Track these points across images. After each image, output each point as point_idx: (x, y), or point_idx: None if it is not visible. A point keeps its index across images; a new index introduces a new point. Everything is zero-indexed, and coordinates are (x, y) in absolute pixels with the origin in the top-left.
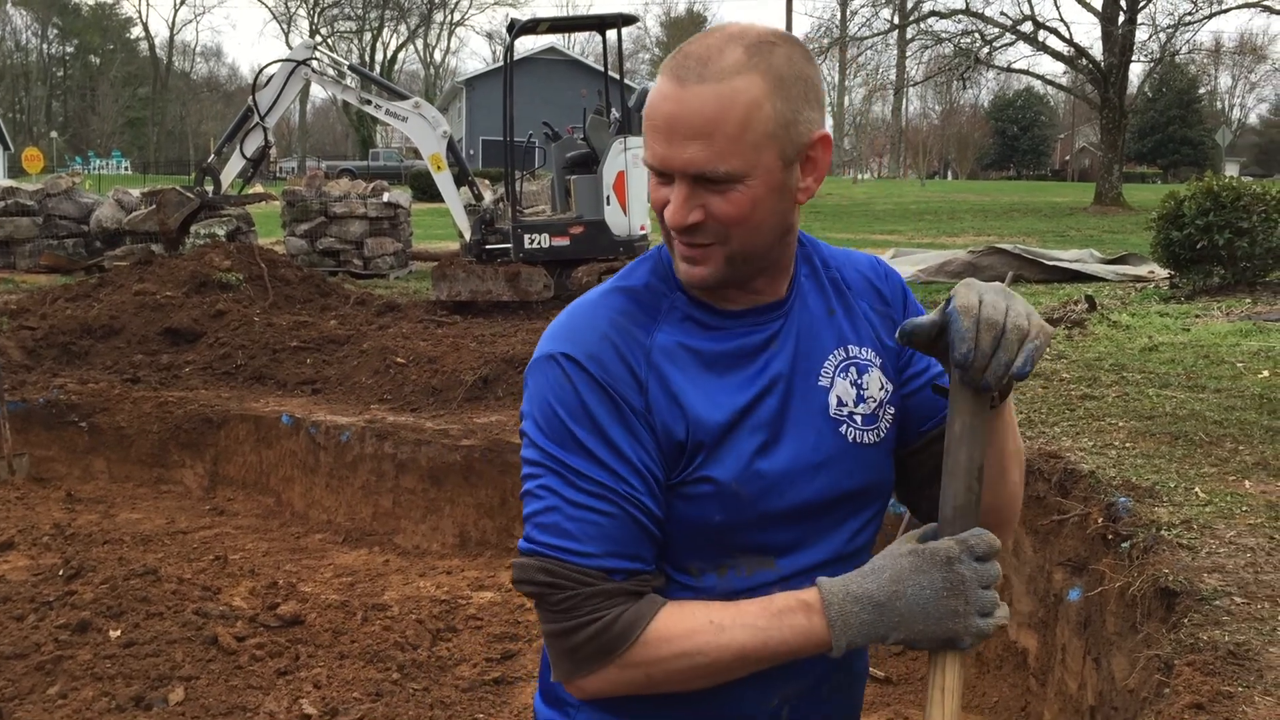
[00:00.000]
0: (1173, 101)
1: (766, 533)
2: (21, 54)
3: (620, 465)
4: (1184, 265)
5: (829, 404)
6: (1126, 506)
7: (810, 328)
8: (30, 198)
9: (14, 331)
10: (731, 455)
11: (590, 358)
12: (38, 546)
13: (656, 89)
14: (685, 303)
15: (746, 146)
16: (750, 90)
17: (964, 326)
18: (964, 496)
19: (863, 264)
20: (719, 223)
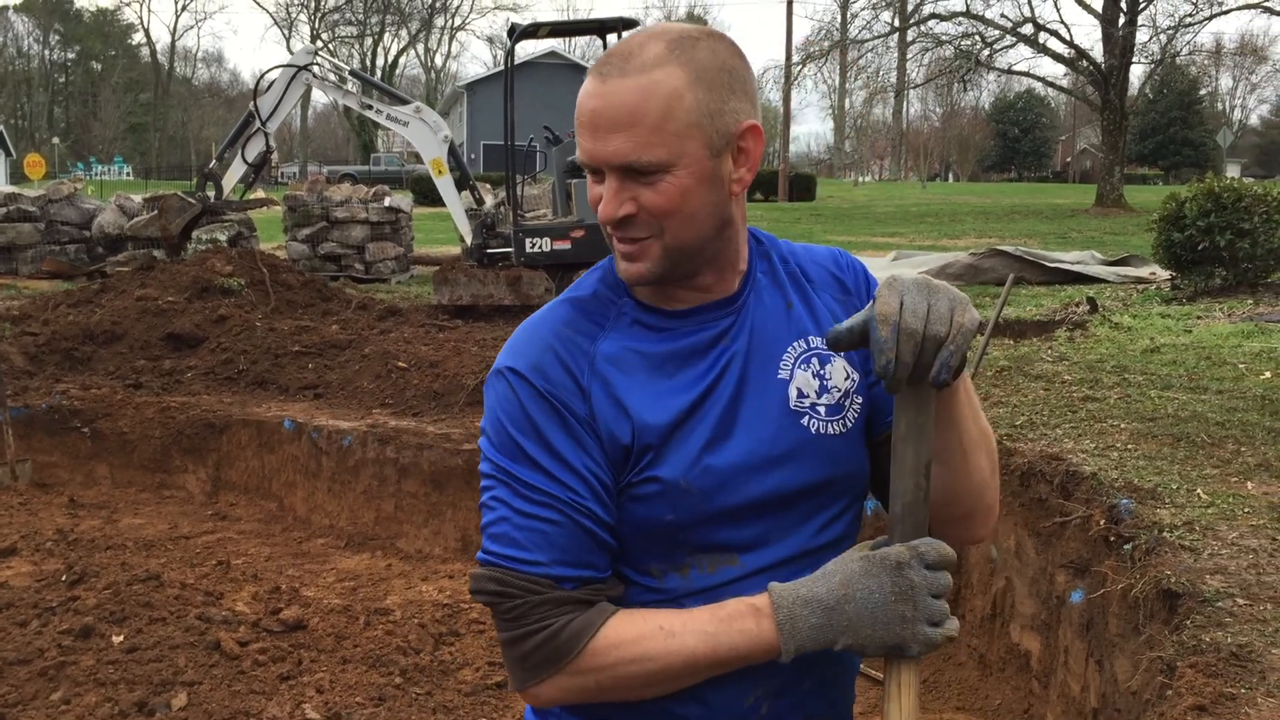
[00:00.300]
0: (1174, 103)
1: (724, 529)
2: (23, 60)
3: (566, 474)
4: (1185, 266)
5: (789, 396)
6: (1129, 508)
7: (766, 322)
8: (32, 204)
9: (16, 337)
10: (678, 454)
11: (534, 369)
12: (40, 552)
13: (583, 88)
14: (633, 308)
15: (669, 136)
16: (670, 81)
17: (882, 337)
18: (911, 494)
19: (823, 257)
20: (651, 215)
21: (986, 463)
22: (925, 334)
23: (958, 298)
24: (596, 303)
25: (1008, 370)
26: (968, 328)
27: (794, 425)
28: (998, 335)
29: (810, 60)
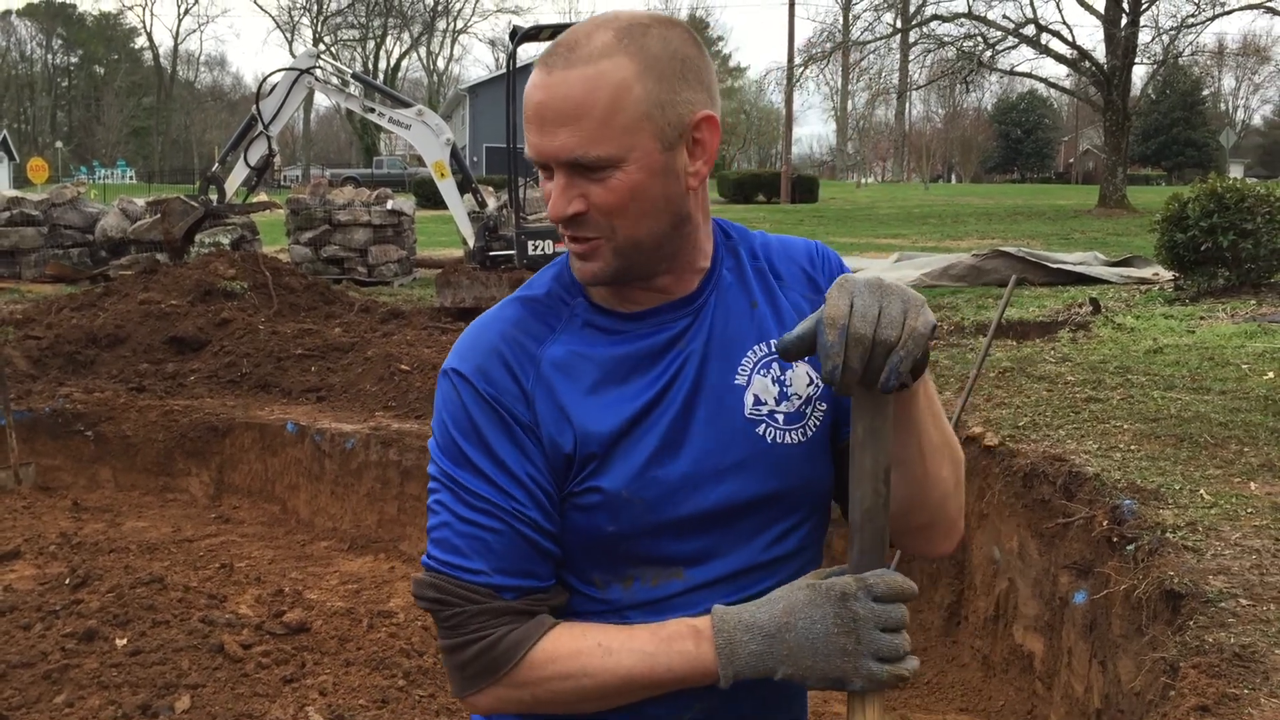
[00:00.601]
0: (1176, 103)
1: (669, 542)
2: (26, 64)
3: (507, 481)
4: (1188, 267)
5: (745, 403)
6: (1131, 509)
7: (728, 323)
8: (35, 208)
9: (20, 341)
10: (623, 463)
11: (478, 372)
12: (44, 555)
13: (531, 78)
14: (585, 309)
15: (618, 130)
16: (618, 72)
17: (829, 341)
18: (870, 500)
19: (798, 251)
20: (601, 213)
21: (949, 472)
22: (875, 338)
23: (912, 299)
24: (548, 303)
25: (1010, 371)
26: (920, 332)
27: (748, 434)
28: (1000, 336)
29: (812, 62)
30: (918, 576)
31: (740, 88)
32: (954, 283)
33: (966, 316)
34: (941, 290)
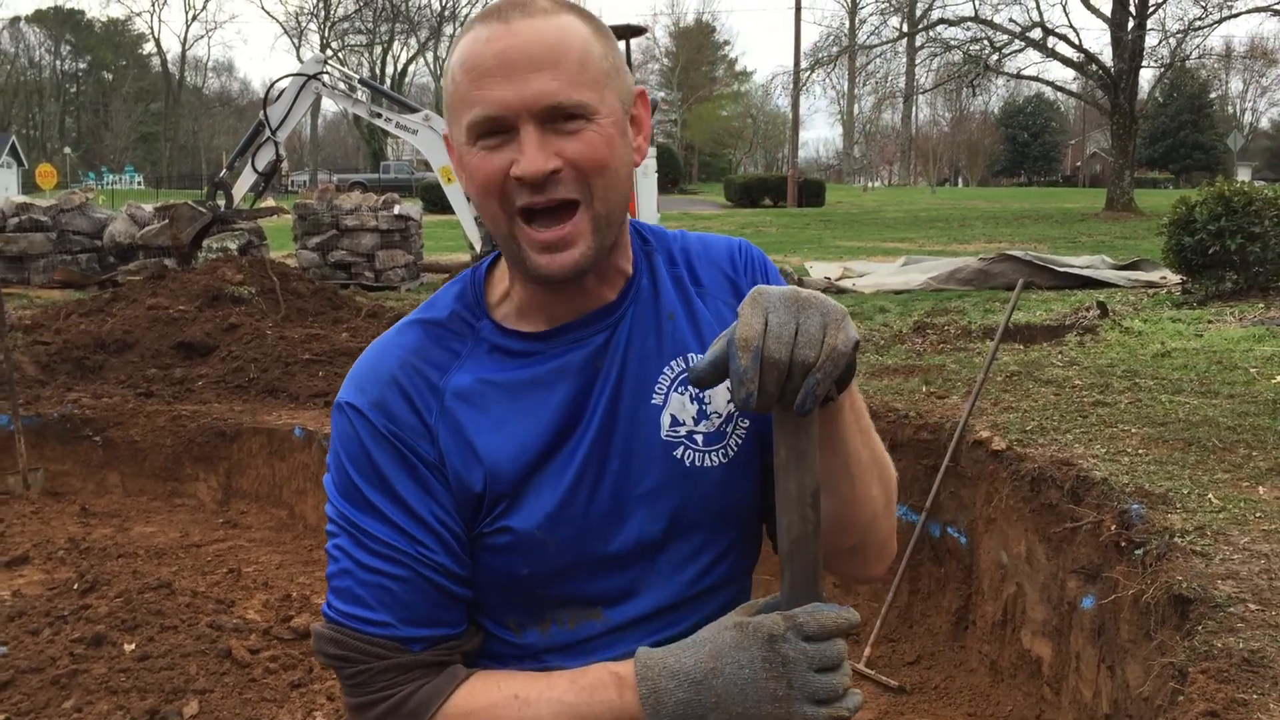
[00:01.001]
0: (1184, 106)
1: (586, 581)
2: (35, 70)
3: (412, 525)
4: (1196, 270)
5: (662, 424)
6: (1140, 513)
7: (644, 339)
8: (44, 213)
9: (28, 346)
10: (536, 500)
11: (375, 406)
12: (53, 561)
13: (474, 38)
14: (492, 331)
15: (591, 79)
16: (579, 28)
17: (742, 367)
18: (799, 528)
19: (719, 254)
20: (579, 168)
21: (879, 492)
22: (793, 359)
23: (832, 313)
24: (451, 326)
25: (1018, 375)
26: (841, 350)
27: (665, 458)
28: (1007, 340)
29: (819, 66)
30: (926, 581)
31: (746, 92)
32: (961, 286)
33: (973, 320)
34: (948, 294)
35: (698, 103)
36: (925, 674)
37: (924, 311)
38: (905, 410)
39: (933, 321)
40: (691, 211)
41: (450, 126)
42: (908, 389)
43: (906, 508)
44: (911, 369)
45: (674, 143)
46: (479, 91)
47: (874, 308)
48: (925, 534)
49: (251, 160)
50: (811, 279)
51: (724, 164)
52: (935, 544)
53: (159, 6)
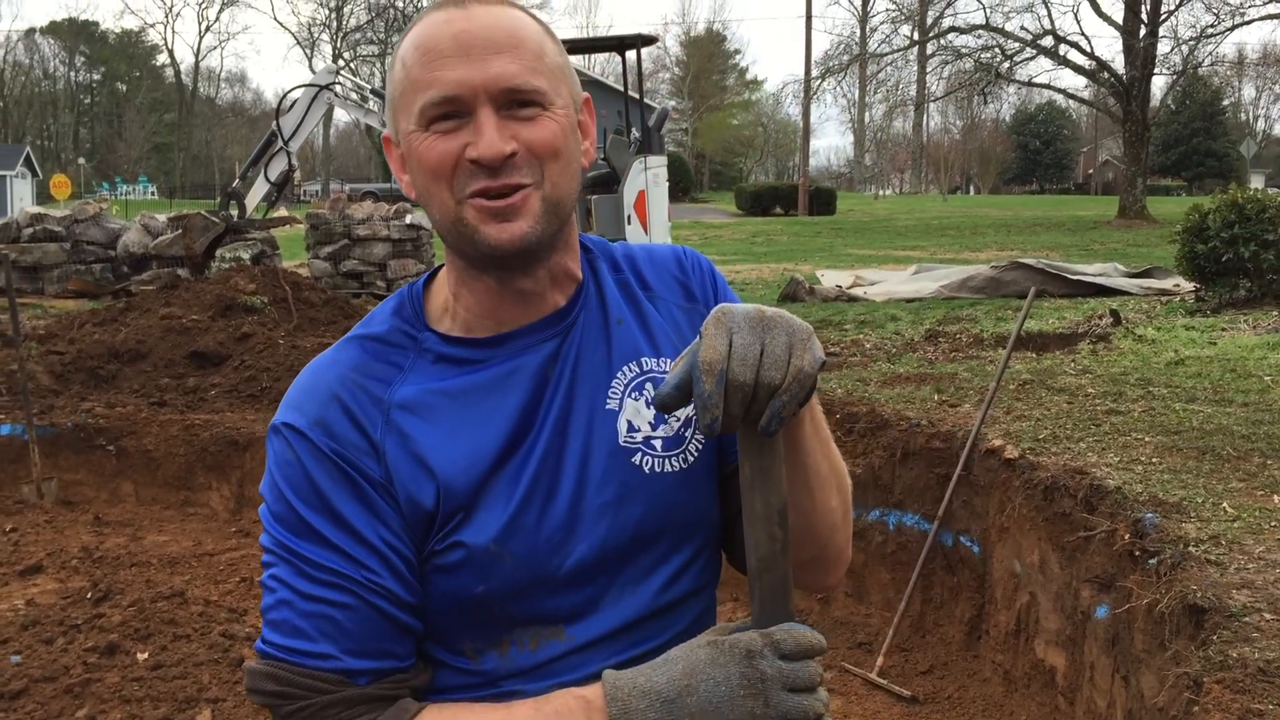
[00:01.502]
0: (1196, 114)
1: (546, 598)
2: (50, 82)
3: (358, 549)
4: (1209, 278)
5: (618, 431)
6: (1154, 522)
7: (594, 344)
8: (58, 224)
9: (42, 356)
10: (488, 513)
11: (315, 425)
12: (66, 570)
13: (432, 21)
14: (436, 341)
15: (548, 68)
16: (533, 23)
17: (706, 391)
18: (766, 547)
19: (665, 258)
20: (534, 153)
21: (837, 503)
22: (758, 382)
23: (798, 332)
24: (392, 341)
25: (1030, 384)
26: (807, 371)
27: (624, 465)
28: (1020, 348)
29: (830, 74)
30: (938, 590)
31: (757, 100)
32: (973, 294)
33: (985, 329)
34: (960, 302)
35: (708, 111)
36: (938, 684)
37: (936, 320)
38: (917, 419)
39: (944, 330)
40: (703, 220)
41: (397, 119)
42: (919, 397)
43: (919, 517)
44: (923, 377)
45: (685, 151)
46: (435, 73)
47: (885, 316)
48: (938, 543)
49: (264, 170)
50: (823, 287)
51: (735, 172)
52: (948, 553)
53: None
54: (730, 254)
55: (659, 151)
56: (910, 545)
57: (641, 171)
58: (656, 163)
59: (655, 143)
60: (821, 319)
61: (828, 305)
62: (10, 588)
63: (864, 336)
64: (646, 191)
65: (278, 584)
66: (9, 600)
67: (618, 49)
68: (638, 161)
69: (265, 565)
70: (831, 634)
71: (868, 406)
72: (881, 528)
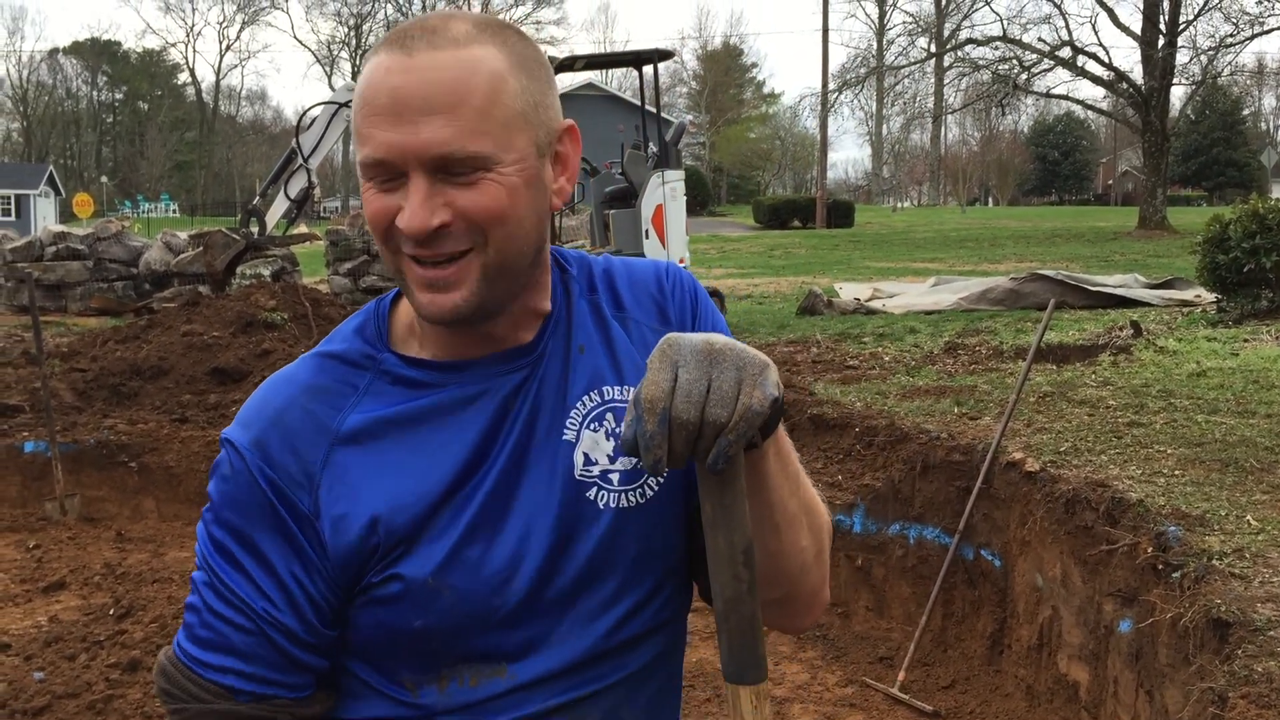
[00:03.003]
0: (1216, 123)
1: (488, 634)
2: (72, 101)
3: (265, 579)
4: (1231, 289)
5: (574, 463)
6: (1176, 535)
7: (557, 372)
8: (81, 242)
9: (65, 374)
10: (428, 546)
11: (255, 446)
12: (89, 586)
13: (375, 65)
14: (395, 362)
15: (497, 124)
16: (491, 61)
17: (648, 431)
18: (731, 588)
19: (645, 276)
20: (472, 222)
21: (809, 542)
22: (704, 420)
23: (749, 365)
24: (350, 359)
25: (1051, 396)
26: (755, 410)
27: (578, 499)
28: (1040, 360)
29: (847, 87)
30: (959, 604)
31: (775, 114)
32: (992, 306)
33: (1005, 341)
34: (980, 314)
35: (726, 125)
36: (960, 699)
37: (955, 332)
38: (937, 432)
39: (964, 342)
40: (720, 233)
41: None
42: (939, 410)
43: (939, 530)
44: (943, 390)
45: (702, 165)
46: (370, 130)
47: (904, 328)
48: (958, 557)
49: (284, 187)
50: (841, 300)
51: (752, 186)
52: (969, 567)
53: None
54: (748, 267)
55: (676, 166)
56: (931, 559)
57: (659, 186)
58: (674, 177)
59: (673, 157)
60: (840, 332)
61: (846, 318)
62: (34, 604)
63: (883, 349)
64: (664, 206)
65: (195, 590)
66: (32, 617)
67: (635, 64)
68: (655, 176)
69: (196, 568)
70: (852, 648)
71: (887, 419)
72: (902, 541)
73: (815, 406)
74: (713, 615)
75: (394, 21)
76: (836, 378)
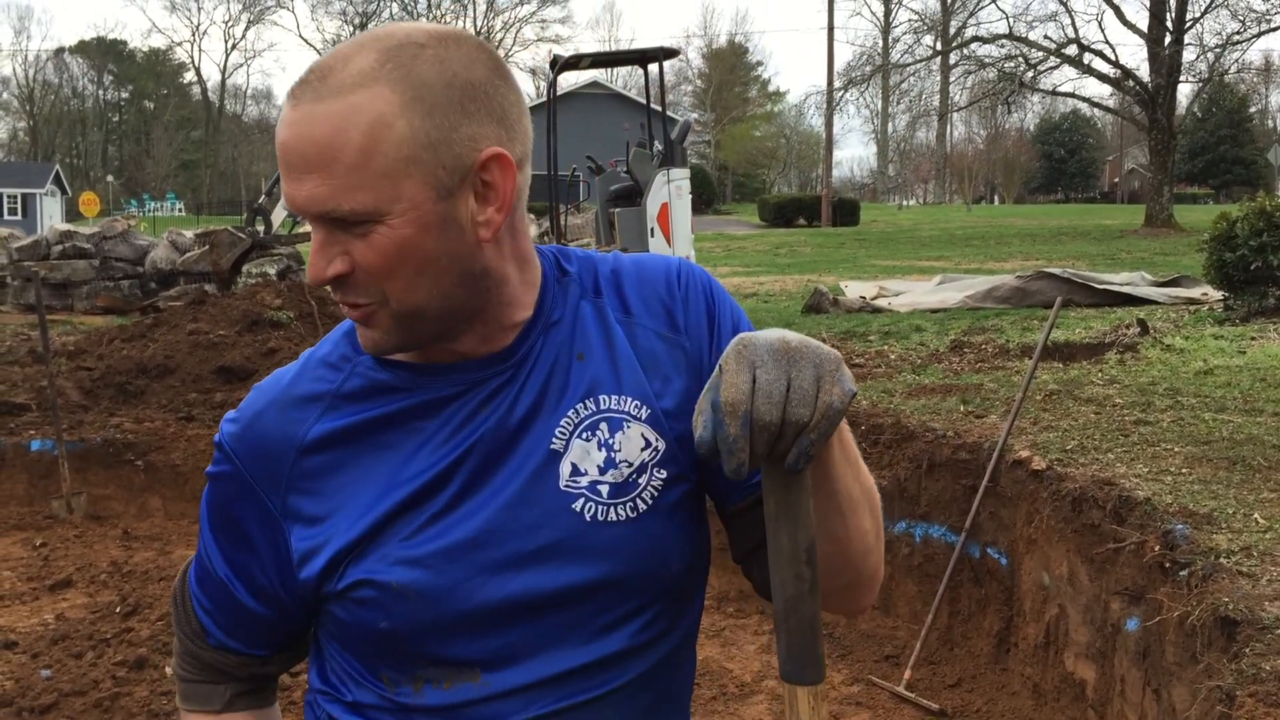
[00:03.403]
0: (1223, 121)
1: (458, 641)
2: (78, 100)
3: (229, 552)
4: (1238, 287)
5: (560, 474)
6: (1184, 534)
7: (549, 378)
8: (87, 241)
9: (72, 372)
10: (399, 548)
11: (238, 438)
12: (95, 584)
13: (280, 113)
14: (371, 365)
15: (375, 176)
16: (374, 106)
17: (731, 436)
18: (794, 587)
19: (654, 276)
20: (367, 274)
21: (871, 524)
22: (785, 420)
23: (825, 363)
24: (331, 361)
25: (1057, 394)
26: (836, 407)
27: (563, 511)
28: (1046, 358)
29: (852, 85)
30: (966, 602)
31: (780, 112)
32: (998, 305)
33: (1011, 339)
34: (985, 312)
35: (731, 123)
36: (966, 697)
37: (961, 330)
38: (943, 430)
39: (970, 340)
40: (726, 231)
41: None
42: (945, 408)
43: (945, 528)
44: (949, 388)
45: (707, 164)
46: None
47: (910, 326)
48: (965, 555)
49: None
50: (847, 298)
51: (758, 184)
52: (975, 565)
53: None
54: (754, 265)
55: (682, 164)
56: (937, 557)
57: (664, 184)
58: (679, 175)
59: (678, 155)
60: (846, 330)
61: (852, 316)
62: (40, 602)
63: (889, 347)
64: (669, 204)
65: (200, 540)
66: (39, 614)
67: (640, 62)
68: (660, 174)
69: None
70: (858, 647)
71: (893, 418)
72: (908, 540)
73: None
74: (714, 615)
75: (399, 20)
76: None
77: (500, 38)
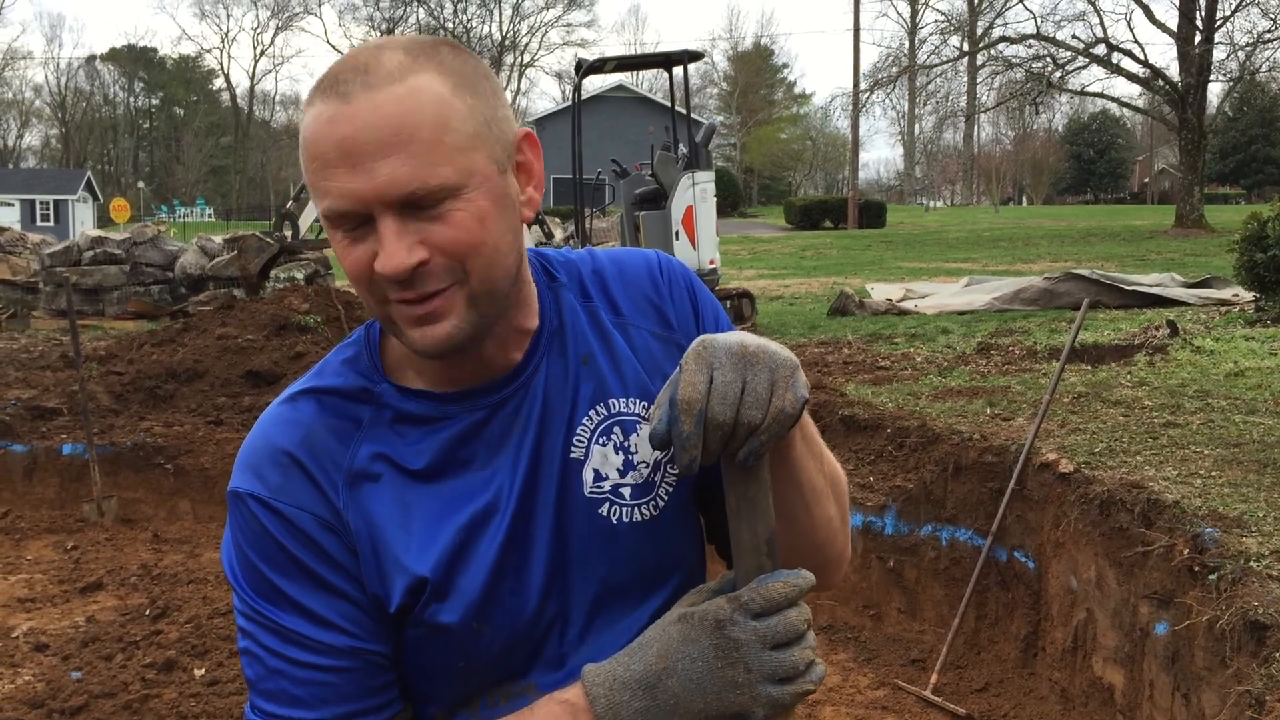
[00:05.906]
0: (1254, 120)
1: (522, 659)
2: (110, 107)
3: (337, 613)
4: (1269, 288)
5: (584, 481)
6: (1213, 537)
7: (559, 390)
8: (118, 246)
9: (103, 377)
10: (464, 593)
11: (279, 493)
12: (125, 587)
13: (315, 117)
14: (394, 395)
15: (451, 150)
16: (433, 87)
17: (685, 432)
18: (755, 577)
19: (638, 274)
20: (449, 256)
21: (835, 511)
22: (738, 421)
23: (780, 367)
24: (348, 393)
25: (1085, 396)
26: (787, 412)
27: (592, 518)
28: (1074, 360)
29: (878, 87)
30: (993, 606)
31: (806, 114)
32: (1026, 306)
33: (1039, 341)
34: (1013, 314)
35: (756, 126)
36: (994, 702)
37: (988, 332)
38: (969, 433)
39: (997, 342)
40: (752, 234)
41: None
42: (972, 411)
43: (972, 532)
44: (975, 391)
45: (733, 166)
46: (327, 183)
47: (937, 329)
48: (991, 558)
49: None
50: (873, 300)
51: (783, 186)
52: (1002, 569)
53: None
54: (780, 268)
55: (707, 167)
56: (963, 561)
57: (689, 187)
58: (704, 178)
59: (703, 158)
60: (872, 332)
61: (878, 319)
62: (71, 604)
63: (915, 350)
64: (694, 207)
65: (266, 653)
66: (70, 617)
67: (665, 65)
68: (685, 177)
69: (245, 633)
70: (884, 650)
71: (919, 421)
72: (934, 543)
73: (847, 408)
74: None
75: (425, 25)
76: (868, 379)
77: (526, 42)
